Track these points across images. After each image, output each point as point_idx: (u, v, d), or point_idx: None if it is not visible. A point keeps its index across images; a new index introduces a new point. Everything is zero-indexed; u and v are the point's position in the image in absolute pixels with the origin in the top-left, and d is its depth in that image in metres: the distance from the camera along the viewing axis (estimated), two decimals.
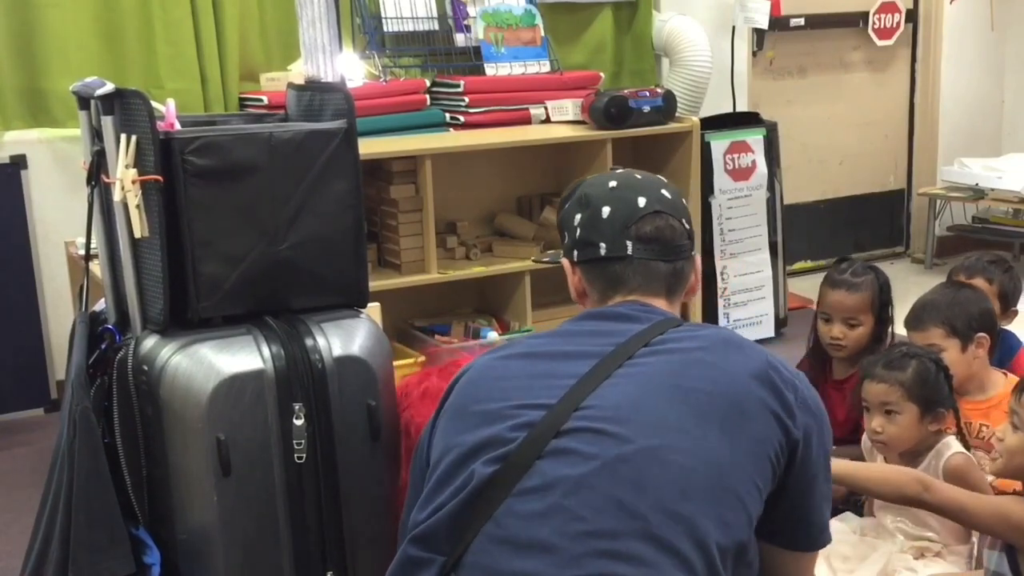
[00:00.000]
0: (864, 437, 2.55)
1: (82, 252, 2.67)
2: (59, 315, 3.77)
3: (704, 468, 1.40)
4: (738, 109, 4.81)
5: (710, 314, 4.27)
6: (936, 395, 2.37)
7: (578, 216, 1.67)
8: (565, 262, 1.72)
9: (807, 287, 5.14)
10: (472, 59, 4.20)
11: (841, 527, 2.59)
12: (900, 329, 2.95)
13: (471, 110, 3.99)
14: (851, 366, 2.88)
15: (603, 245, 1.64)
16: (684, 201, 1.71)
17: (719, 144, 4.24)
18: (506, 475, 1.40)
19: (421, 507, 1.47)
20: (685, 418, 1.43)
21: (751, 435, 1.45)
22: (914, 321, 2.65)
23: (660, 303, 1.64)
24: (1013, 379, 2.64)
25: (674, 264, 1.65)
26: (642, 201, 1.63)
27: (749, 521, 1.43)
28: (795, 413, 1.50)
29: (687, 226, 1.68)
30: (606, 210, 1.64)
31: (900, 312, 2.75)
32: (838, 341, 2.83)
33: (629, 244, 1.62)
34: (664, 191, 1.67)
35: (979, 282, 2.92)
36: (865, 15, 5.45)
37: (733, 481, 1.42)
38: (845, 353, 2.85)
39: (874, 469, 2.33)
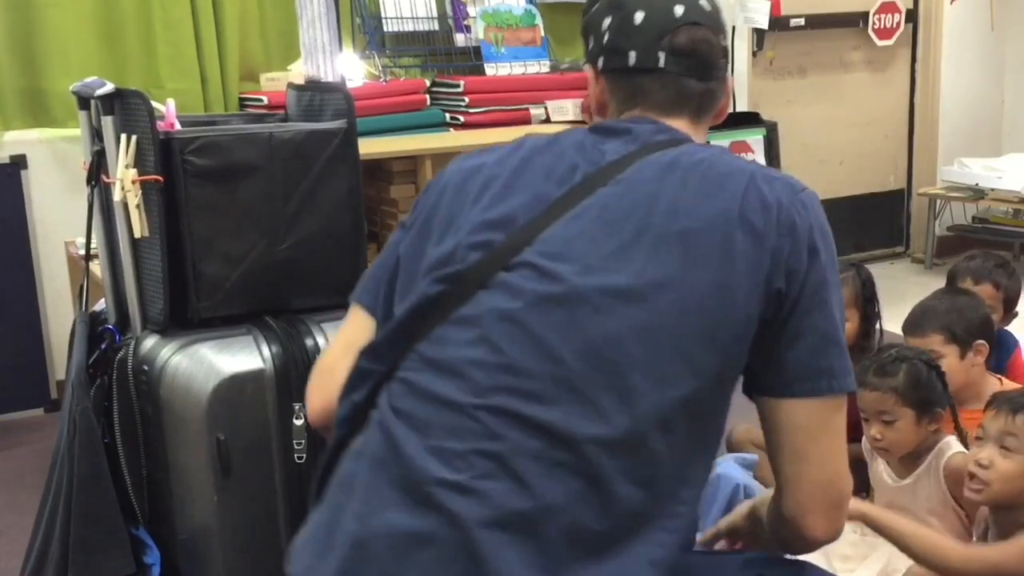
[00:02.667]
0: (864, 439, 2.55)
1: (82, 252, 2.68)
2: (59, 315, 3.77)
3: (644, 317, 1.29)
4: (738, 109, 4.81)
5: None
6: (931, 395, 2.36)
7: (608, 20, 1.51)
8: (588, 70, 1.57)
9: None
10: (472, 59, 4.21)
11: None
12: (886, 325, 2.96)
13: (471, 110, 3.99)
14: None
15: (633, 54, 1.49)
16: (722, 15, 1.55)
17: (719, 144, 4.23)
18: (448, 299, 1.35)
19: (385, 320, 1.45)
20: (636, 261, 1.32)
21: (710, 282, 1.31)
22: (913, 327, 2.65)
23: (681, 123, 1.49)
24: (1010, 386, 2.64)
25: (707, 84, 1.51)
26: (679, 9, 1.48)
27: (696, 373, 1.30)
28: (776, 250, 1.34)
29: (724, 43, 1.53)
30: (639, 16, 1.48)
31: (898, 313, 2.75)
32: None
33: (662, 56, 1.48)
34: (703, 1, 1.51)
35: (986, 288, 2.91)
36: (865, 15, 5.45)
37: (678, 332, 1.29)
38: None
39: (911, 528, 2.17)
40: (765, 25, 4.80)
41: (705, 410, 1.34)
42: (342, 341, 1.50)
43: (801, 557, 2.33)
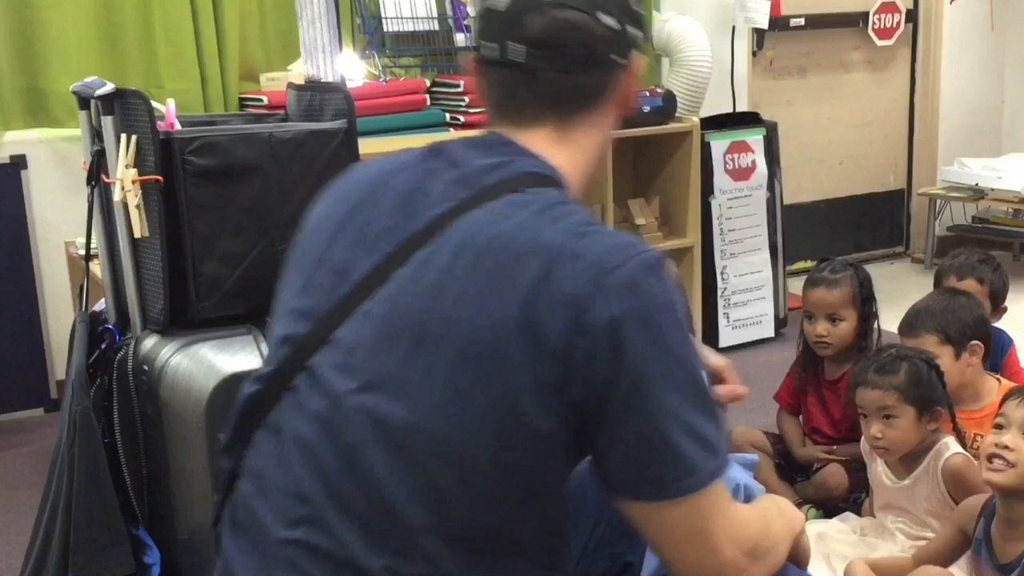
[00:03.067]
0: (863, 440, 2.55)
1: (82, 252, 2.68)
2: (59, 315, 3.77)
3: (423, 447, 1.15)
4: (738, 109, 4.80)
5: (710, 314, 4.27)
6: (931, 394, 2.37)
7: (479, 2, 1.33)
8: (470, 59, 1.35)
9: None
10: None
11: (841, 527, 2.59)
12: (886, 325, 2.96)
13: (471, 110, 3.99)
14: (841, 365, 2.89)
15: (494, 46, 1.28)
16: None
17: (719, 144, 4.24)
18: (262, 401, 1.27)
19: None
20: (413, 381, 1.17)
21: (493, 402, 1.14)
22: (907, 328, 2.66)
23: (541, 137, 1.29)
24: (1008, 385, 2.65)
25: (580, 77, 1.28)
26: None
27: (492, 501, 1.17)
28: (566, 357, 1.13)
29: (609, 22, 1.27)
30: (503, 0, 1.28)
31: (898, 313, 2.75)
32: (823, 338, 2.86)
33: (520, 48, 1.26)
34: None
35: (970, 283, 2.94)
36: (865, 15, 5.45)
37: (461, 462, 1.15)
38: (831, 351, 2.87)
39: None
40: (765, 25, 4.80)
41: (522, 527, 1.20)
42: None
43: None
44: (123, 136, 2.22)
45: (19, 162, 3.74)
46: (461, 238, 1.19)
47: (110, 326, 2.36)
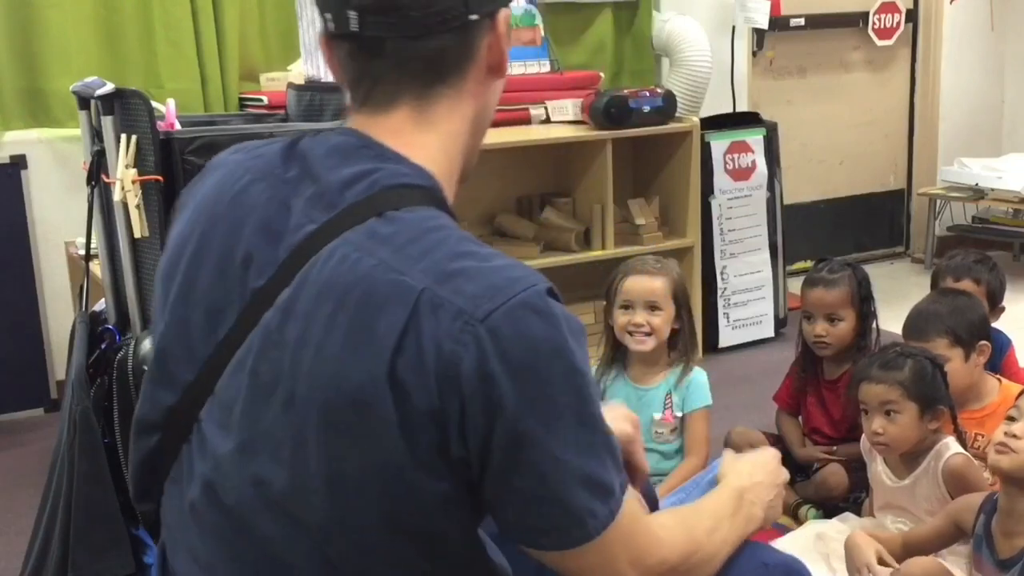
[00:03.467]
0: (863, 439, 2.55)
1: (82, 252, 2.68)
2: (59, 315, 3.77)
3: (314, 507, 1.08)
4: (738, 109, 4.80)
5: (710, 314, 4.27)
6: (934, 393, 2.37)
7: None
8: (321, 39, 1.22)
9: None
10: None
11: (841, 527, 2.59)
12: (887, 325, 2.96)
13: None
14: (840, 365, 2.89)
15: (328, 16, 1.15)
16: None
17: (719, 144, 4.24)
18: (162, 453, 1.21)
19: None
20: (284, 448, 1.08)
21: (372, 466, 1.05)
22: (916, 331, 2.64)
23: (397, 122, 1.16)
24: (1009, 385, 2.65)
25: (432, 41, 1.13)
26: None
27: (390, 567, 1.10)
28: (439, 414, 1.04)
29: None
30: None
31: (895, 313, 2.75)
32: (822, 338, 2.86)
33: (353, 16, 1.12)
34: None
35: (967, 284, 2.94)
36: (865, 15, 5.45)
37: (355, 522, 1.08)
38: (831, 351, 2.88)
39: None
40: (765, 25, 4.80)
41: None
42: None
43: (800, 557, 2.33)
44: (123, 136, 2.22)
45: (19, 162, 3.74)
46: (324, 280, 1.07)
47: (110, 326, 2.36)
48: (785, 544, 2.51)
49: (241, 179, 1.20)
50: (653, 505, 1.77)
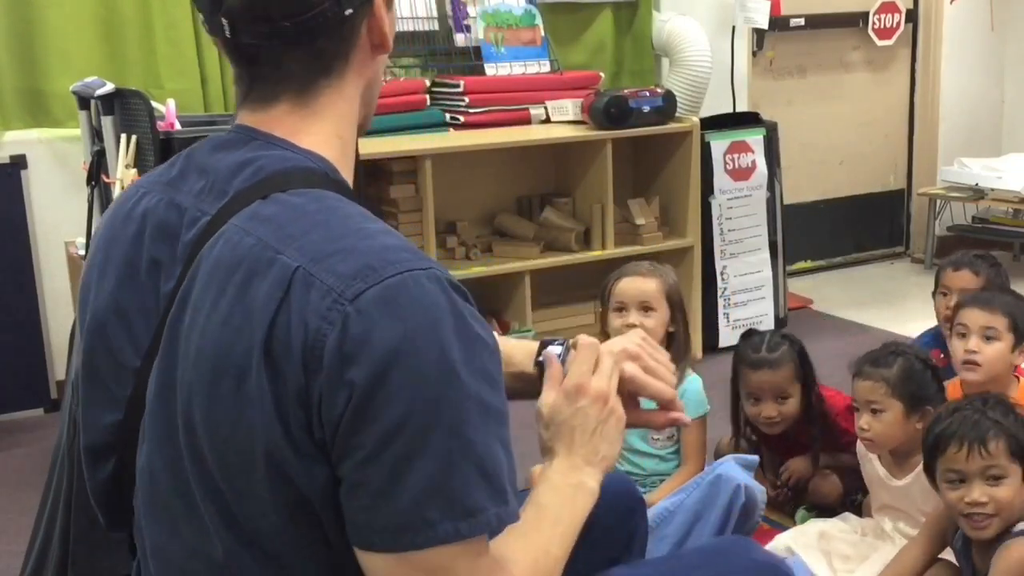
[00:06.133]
0: (859, 443, 2.55)
1: (82, 252, 2.68)
2: (59, 315, 3.77)
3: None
4: (738, 109, 4.81)
5: (710, 314, 4.27)
6: (922, 392, 2.38)
7: None
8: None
9: (807, 287, 5.14)
10: (472, 59, 4.20)
11: (842, 527, 2.59)
12: (887, 325, 2.94)
13: (471, 110, 3.99)
14: (792, 428, 2.78)
15: (207, 25, 1.14)
16: None
17: (719, 144, 4.24)
18: (119, 484, 1.28)
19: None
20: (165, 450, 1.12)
21: (253, 445, 1.04)
22: (982, 301, 2.65)
23: (281, 112, 1.14)
24: None
25: (299, 49, 1.11)
26: None
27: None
28: (302, 392, 1.01)
29: None
30: None
31: (895, 313, 2.75)
32: (772, 419, 2.73)
33: (225, 23, 1.10)
34: None
35: (965, 274, 2.96)
36: (865, 15, 5.45)
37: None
38: (782, 427, 2.75)
39: None
40: (765, 25, 4.80)
41: None
42: None
43: (802, 555, 2.34)
44: (123, 136, 2.22)
45: (19, 162, 3.74)
46: (211, 264, 1.07)
47: None
48: (787, 541, 2.52)
49: (132, 197, 1.21)
50: (636, 505, 1.76)
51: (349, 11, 1.11)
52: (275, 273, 1.03)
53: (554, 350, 1.39)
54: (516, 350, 1.45)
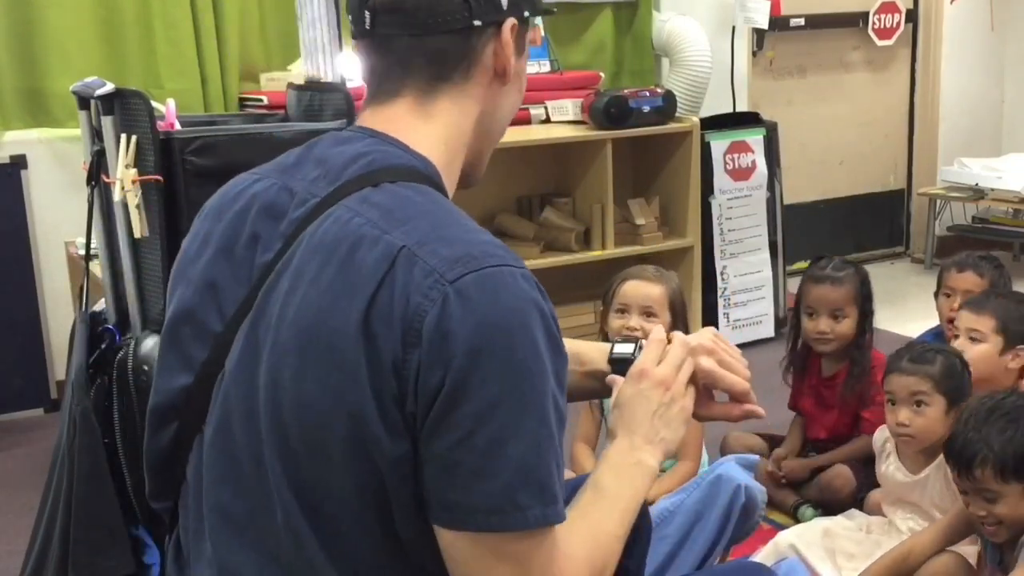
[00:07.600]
0: (877, 434, 2.56)
1: (82, 252, 2.67)
2: (59, 315, 3.77)
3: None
4: (738, 109, 4.81)
5: (710, 314, 4.27)
6: (961, 389, 2.41)
7: None
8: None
9: None
10: None
11: (847, 524, 2.60)
12: (887, 325, 2.96)
13: None
14: (838, 362, 2.89)
15: (351, 19, 1.25)
16: None
17: (719, 144, 4.24)
18: (179, 445, 1.25)
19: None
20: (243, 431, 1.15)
21: (347, 402, 1.07)
22: (975, 304, 2.68)
23: (402, 110, 1.22)
24: None
25: (435, 39, 1.20)
26: None
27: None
28: (398, 365, 1.05)
29: None
30: None
31: (895, 313, 2.76)
32: (825, 335, 2.86)
33: (367, 16, 1.21)
34: None
35: (969, 276, 2.97)
36: (865, 15, 5.45)
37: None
38: (832, 347, 2.87)
39: None
40: (765, 25, 4.81)
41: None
42: None
43: (805, 553, 2.33)
44: (123, 136, 2.22)
45: (19, 162, 3.74)
46: (318, 239, 1.13)
47: (110, 326, 2.36)
48: (791, 539, 2.52)
49: (246, 181, 1.27)
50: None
51: (478, 23, 1.20)
52: (381, 249, 1.08)
53: (624, 348, 1.45)
54: (590, 349, 1.52)
